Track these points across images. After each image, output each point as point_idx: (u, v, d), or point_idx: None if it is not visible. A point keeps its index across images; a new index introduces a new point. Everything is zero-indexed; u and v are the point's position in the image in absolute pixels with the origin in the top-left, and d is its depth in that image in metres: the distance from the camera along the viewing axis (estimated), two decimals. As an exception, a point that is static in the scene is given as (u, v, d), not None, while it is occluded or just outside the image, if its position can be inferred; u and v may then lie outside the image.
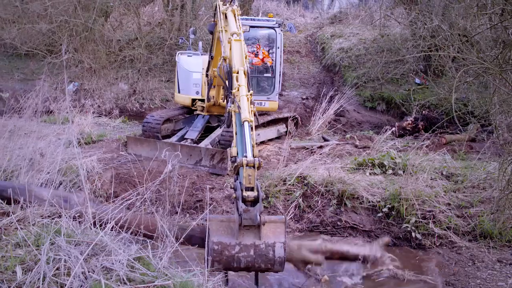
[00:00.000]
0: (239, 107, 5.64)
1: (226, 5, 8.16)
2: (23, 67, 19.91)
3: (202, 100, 11.94)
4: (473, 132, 12.77)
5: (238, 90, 5.85)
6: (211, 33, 9.19)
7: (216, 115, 11.84)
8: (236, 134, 5.66)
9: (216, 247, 4.87)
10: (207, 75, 11.37)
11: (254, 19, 12.81)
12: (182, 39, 14.20)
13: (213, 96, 11.12)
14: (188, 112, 12.59)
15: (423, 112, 14.31)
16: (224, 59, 6.61)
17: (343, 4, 27.14)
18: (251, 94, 5.87)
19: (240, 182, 5.05)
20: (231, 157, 5.51)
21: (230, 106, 5.91)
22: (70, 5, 18.19)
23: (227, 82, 6.37)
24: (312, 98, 17.24)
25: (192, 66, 12.21)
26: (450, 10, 13.32)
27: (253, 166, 5.02)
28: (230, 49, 6.57)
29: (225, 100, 6.30)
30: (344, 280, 6.73)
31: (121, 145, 11.55)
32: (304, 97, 17.49)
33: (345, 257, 6.61)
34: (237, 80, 5.98)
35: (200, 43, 13.95)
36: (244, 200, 4.85)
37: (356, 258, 6.61)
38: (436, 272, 6.96)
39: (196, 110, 12.26)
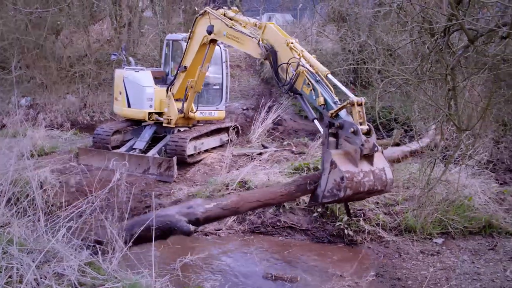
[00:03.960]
0: (308, 69, 6.26)
1: (218, 9, 8.96)
2: (-25, 83, 19.20)
3: (157, 113, 11.70)
4: (397, 137, 13.08)
5: (302, 55, 6.46)
6: (210, 33, 9.12)
7: (164, 126, 11.65)
8: (312, 90, 6.16)
9: (348, 175, 5.36)
10: (167, 90, 11.19)
11: None
12: (115, 54, 13.62)
13: (183, 109, 10.95)
14: (136, 123, 12.40)
15: (353, 119, 14.58)
16: (262, 40, 7.21)
17: (279, 22, 27.36)
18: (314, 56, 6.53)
19: (345, 121, 5.61)
20: (320, 105, 5.97)
21: (296, 70, 6.40)
22: (21, 23, 17.79)
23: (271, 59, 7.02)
24: (252, 109, 17.30)
25: (143, 81, 11.88)
26: (376, 27, 13.70)
27: (361, 104, 5.64)
28: (263, 32, 7.28)
29: (275, 77, 7.01)
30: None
31: (73, 156, 11.31)
32: (244, 107, 17.56)
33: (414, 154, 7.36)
34: (295, 48, 6.60)
35: (131, 59, 13.61)
36: None
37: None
38: (367, 265, 7.12)
39: (146, 122, 12.00)
